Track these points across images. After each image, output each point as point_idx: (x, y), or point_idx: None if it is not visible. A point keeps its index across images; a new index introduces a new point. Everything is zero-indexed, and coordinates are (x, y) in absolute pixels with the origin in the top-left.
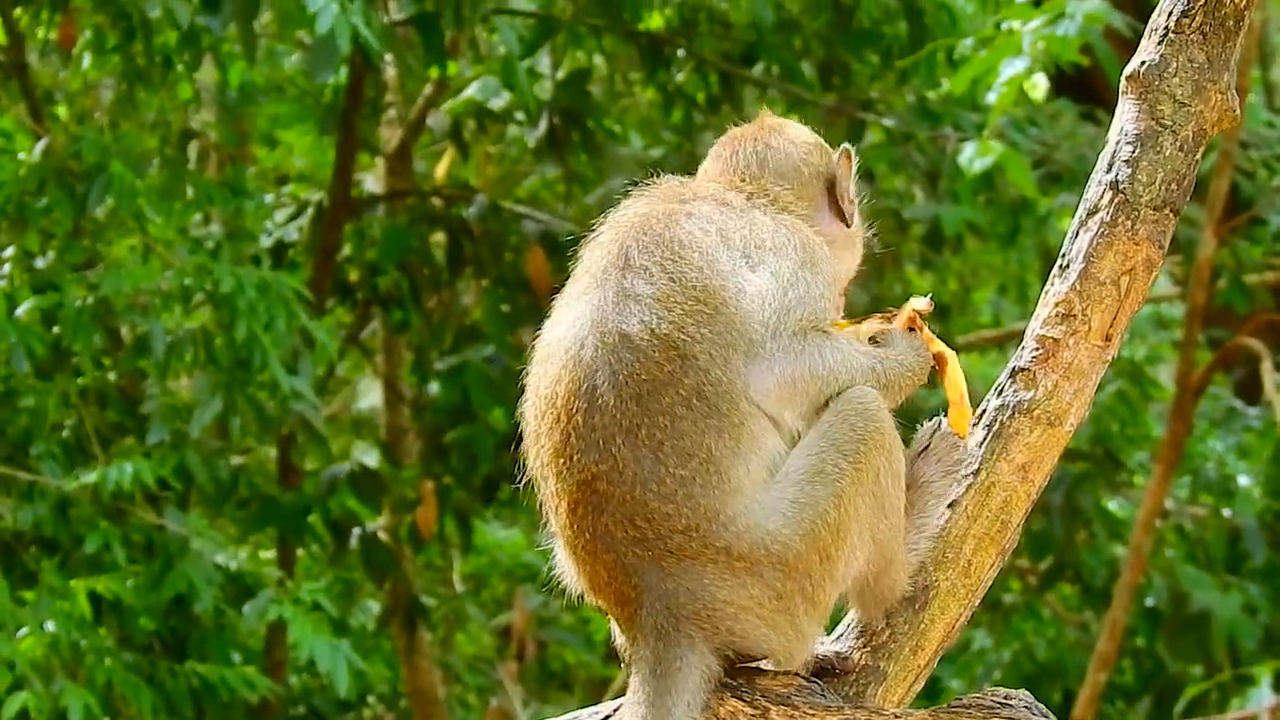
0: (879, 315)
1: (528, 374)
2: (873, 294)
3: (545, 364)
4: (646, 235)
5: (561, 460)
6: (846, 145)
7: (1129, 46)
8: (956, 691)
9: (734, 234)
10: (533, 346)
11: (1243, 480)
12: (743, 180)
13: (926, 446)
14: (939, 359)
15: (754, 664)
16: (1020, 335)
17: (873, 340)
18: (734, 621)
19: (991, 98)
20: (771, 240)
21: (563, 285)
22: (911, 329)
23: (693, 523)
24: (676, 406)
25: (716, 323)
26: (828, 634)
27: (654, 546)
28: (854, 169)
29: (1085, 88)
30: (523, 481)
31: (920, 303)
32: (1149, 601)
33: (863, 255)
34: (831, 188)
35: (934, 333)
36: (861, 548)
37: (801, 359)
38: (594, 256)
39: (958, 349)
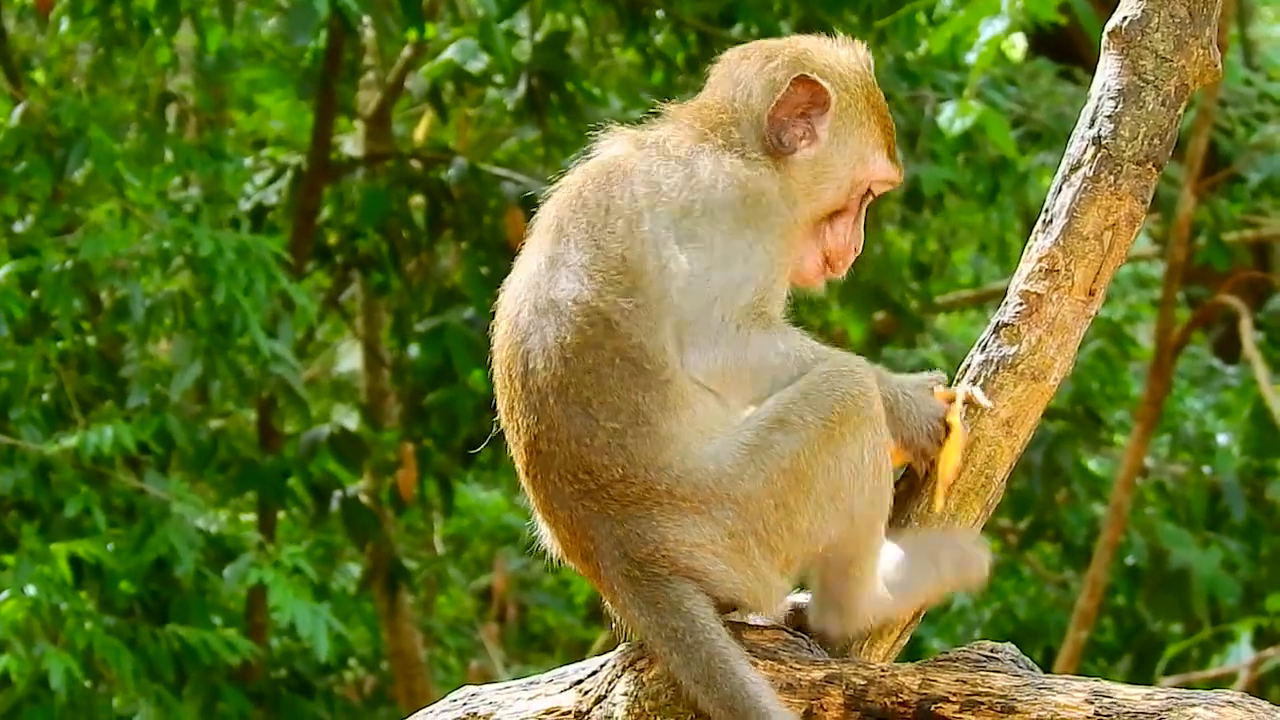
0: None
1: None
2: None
3: (498, 325)
4: (579, 199)
5: (511, 423)
6: (802, 73)
7: (1107, 4)
8: (938, 651)
9: (663, 195)
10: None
11: (1221, 438)
12: (707, 110)
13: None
14: (949, 427)
15: (735, 617)
16: (1000, 294)
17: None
18: (690, 560)
19: (971, 57)
20: (705, 200)
21: None
22: (950, 401)
23: (630, 471)
24: (601, 366)
25: (636, 294)
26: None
27: (599, 497)
28: (824, 95)
29: (1063, 46)
30: (496, 440)
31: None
32: (1129, 560)
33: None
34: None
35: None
36: (834, 514)
37: (745, 352)
38: (542, 215)
39: (938, 309)
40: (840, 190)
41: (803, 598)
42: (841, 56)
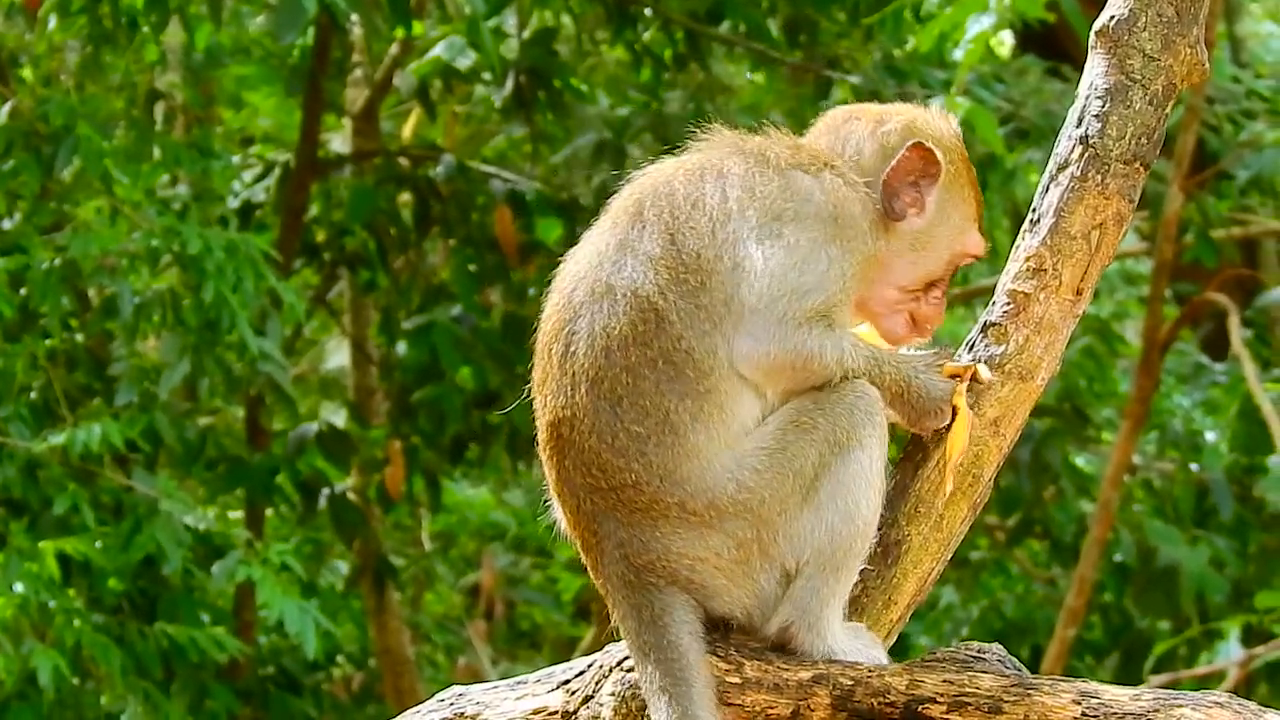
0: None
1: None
2: None
3: (551, 295)
4: (668, 187)
5: (540, 396)
6: (919, 140)
7: (1094, 1)
8: (925, 648)
9: (756, 200)
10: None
11: (1209, 435)
12: (809, 145)
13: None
14: (955, 410)
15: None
16: (988, 291)
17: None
18: (691, 573)
19: (958, 54)
20: (797, 209)
21: (530, 244)
22: (956, 376)
23: (643, 479)
24: (641, 366)
25: (700, 295)
26: None
27: (608, 497)
28: (936, 167)
29: (1050, 44)
30: (484, 437)
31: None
32: (1117, 557)
33: (948, 263)
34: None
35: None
36: (832, 515)
37: (801, 346)
38: (623, 194)
39: None
40: (940, 261)
41: None
42: (942, 127)
